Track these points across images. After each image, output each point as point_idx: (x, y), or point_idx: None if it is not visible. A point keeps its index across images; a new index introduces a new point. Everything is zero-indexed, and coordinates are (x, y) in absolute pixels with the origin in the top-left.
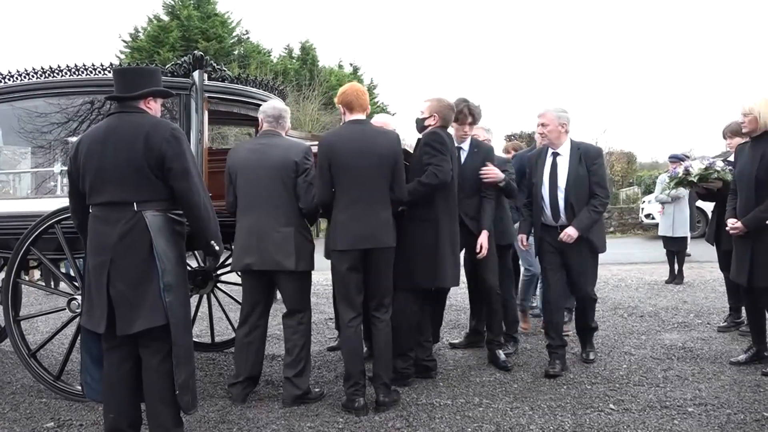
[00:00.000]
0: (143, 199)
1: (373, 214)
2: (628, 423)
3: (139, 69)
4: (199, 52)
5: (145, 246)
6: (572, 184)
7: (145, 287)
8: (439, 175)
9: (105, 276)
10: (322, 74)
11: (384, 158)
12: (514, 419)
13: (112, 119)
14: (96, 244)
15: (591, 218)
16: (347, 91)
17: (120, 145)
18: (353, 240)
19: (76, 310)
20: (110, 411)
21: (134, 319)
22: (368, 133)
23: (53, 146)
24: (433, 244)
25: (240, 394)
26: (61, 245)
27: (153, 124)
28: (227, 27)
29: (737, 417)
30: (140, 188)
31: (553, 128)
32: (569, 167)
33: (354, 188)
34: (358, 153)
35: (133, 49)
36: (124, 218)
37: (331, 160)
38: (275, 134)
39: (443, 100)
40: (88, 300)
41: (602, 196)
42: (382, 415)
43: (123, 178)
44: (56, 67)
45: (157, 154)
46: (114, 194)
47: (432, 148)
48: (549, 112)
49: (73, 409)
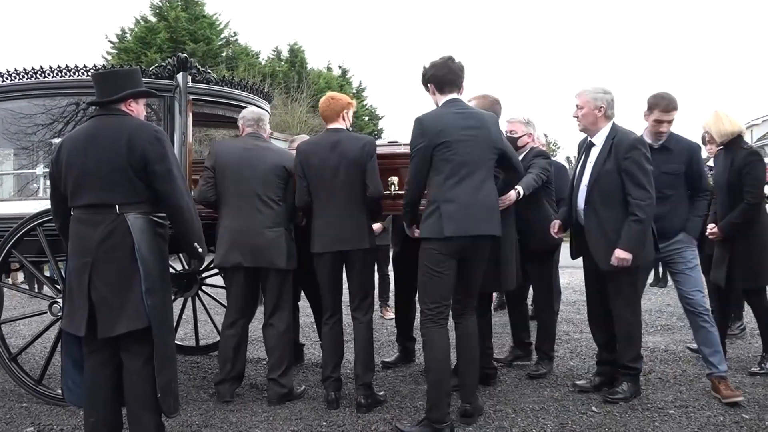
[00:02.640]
0: (125, 202)
1: (347, 218)
2: (609, 425)
3: (116, 72)
4: (183, 54)
5: (127, 249)
6: (594, 182)
7: (127, 290)
8: (497, 175)
9: (86, 278)
10: (310, 77)
11: (353, 164)
12: (497, 422)
13: (94, 122)
14: (77, 246)
15: (635, 231)
16: (322, 105)
17: (102, 148)
18: (328, 243)
19: (58, 313)
20: (90, 416)
21: (115, 322)
22: (341, 140)
23: (36, 148)
24: (494, 249)
25: (228, 391)
26: (44, 248)
27: (136, 126)
28: (215, 29)
29: (717, 419)
30: (122, 191)
31: (588, 111)
32: (596, 160)
33: (325, 194)
34: (327, 160)
35: (119, 50)
36: (105, 220)
37: (304, 167)
38: (260, 137)
39: (488, 96)
40: (69, 303)
41: (638, 198)
42: (365, 418)
43: (105, 181)
44: (40, 68)
45: (140, 156)
46: (96, 197)
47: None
48: (585, 93)
49: (54, 413)
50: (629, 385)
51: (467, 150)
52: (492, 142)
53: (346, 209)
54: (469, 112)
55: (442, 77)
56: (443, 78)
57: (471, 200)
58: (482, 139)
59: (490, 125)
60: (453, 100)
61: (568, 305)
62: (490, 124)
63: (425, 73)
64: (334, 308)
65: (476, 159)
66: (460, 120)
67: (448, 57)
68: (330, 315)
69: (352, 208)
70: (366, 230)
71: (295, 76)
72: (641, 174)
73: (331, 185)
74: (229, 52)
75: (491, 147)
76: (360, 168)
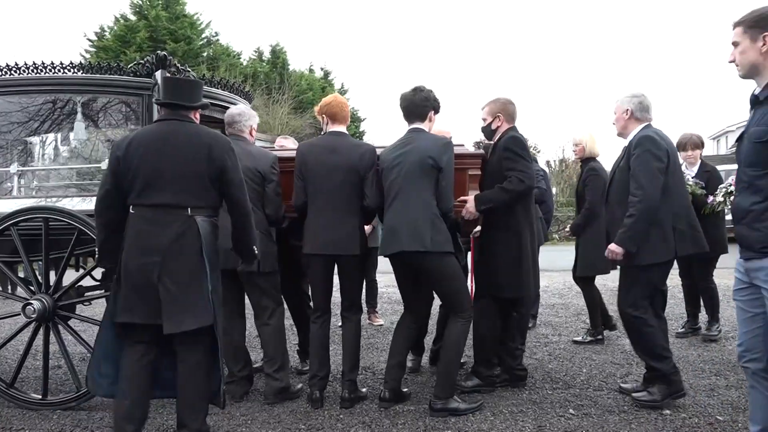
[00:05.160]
0: (197, 205)
1: (340, 223)
2: (587, 427)
3: (195, 81)
4: (162, 52)
5: (196, 249)
6: (611, 180)
7: (196, 288)
8: (525, 180)
9: (155, 276)
10: (292, 78)
11: (353, 170)
12: (476, 424)
13: (167, 125)
14: (141, 244)
15: (627, 227)
16: (332, 103)
17: (180, 152)
18: (319, 245)
19: (32, 315)
20: (125, 398)
21: (184, 318)
22: (341, 145)
23: (11, 146)
24: (516, 254)
25: (237, 391)
26: (17, 248)
27: (213, 136)
28: (196, 28)
29: (691, 421)
30: (195, 194)
31: (618, 116)
32: (616, 159)
33: (322, 197)
34: (326, 164)
35: (98, 48)
36: (178, 221)
37: (302, 168)
38: (239, 138)
39: (499, 98)
40: (129, 298)
41: (634, 195)
42: (344, 421)
43: (181, 184)
44: (16, 65)
45: (219, 166)
46: (169, 197)
47: (513, 152)
48: (618, 100)
49: (26, 417)
50: (660, 387)
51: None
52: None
53: (339, 213)
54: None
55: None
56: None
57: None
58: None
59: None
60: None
61: (547, 308)
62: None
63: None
64: (323, 308)
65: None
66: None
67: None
68: (319, 315)
69: (346, 213)
70: (358, 236)
71: (276, 77)
72: (640, 170)
73: (327, 188)
74: (210, 52)
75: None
76: (357, 175)
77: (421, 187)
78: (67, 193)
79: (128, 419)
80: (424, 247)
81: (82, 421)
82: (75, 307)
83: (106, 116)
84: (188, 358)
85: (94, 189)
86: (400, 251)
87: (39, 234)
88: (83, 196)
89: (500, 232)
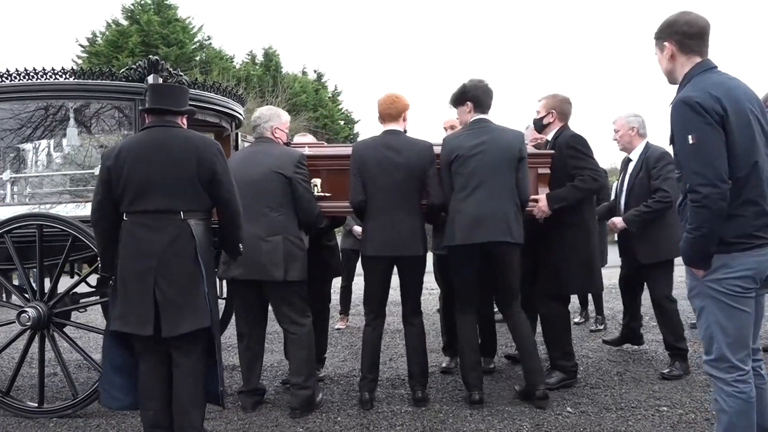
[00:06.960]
0: (189, 209)
1: (400, 223)
2: (584, 425)
3: (181, 87)
4: (154, 57)
5: (191, 252)
6: (630, 190)
7: (193, 291)
8: (598, 179)
9: (151, 280)
10: (285, 81)
11: (412, 169)
12: (473, 424)
13: (155, 132)
14: (137, 249)
15: (640, 213)
16: (380, 101)
17: (171, 158)
18: (379, 247)
19: (27, 323)
20: (148, 408)
21: (180, 321)
22: (397, 144)
23: (4, 153)
24: (585, 250)
25: (249, 402)
26: (11, 256)
27: (201, 140)
28: (188, 32)
29: (688, 417)
30: (187, 198)
31: (624, 133)
32: (631, 172)
33: (380, 197)
34: (383, 164)
35: (90, 53)
36: (171, 225)
37: (360, 169)
38: (262, 140)
39: (557, 94)
40: (124, 305)
41: (658, 196)
42: (342, 424)
43: (172, 189)
44: (7, 71)
45: (209, 169)
46: (161, 203)
47: (579, 151)
48: (620, 118)
49: (22, 426)
50: (680, 364)
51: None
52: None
53: (400, 213)
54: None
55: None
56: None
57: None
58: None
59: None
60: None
61: None
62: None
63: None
64: (377, 311)
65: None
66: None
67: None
68: (374, 317)
69: (407, 212)
70: (420, 236)
71: (269, 80)
72: (666, 178)
73: (387, 188)
74: (203, 56)
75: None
76: (417, 173)
77: (507, 178)
78: (61, 199)
79: (156, 426)
80: (513, 239)
81: (78, 429)
82: (70, 314)
83: (99, 122)
84: (183, 363)
85: (88, 195)
86: (487, 241)
87: (33, 241)
88: (77, 202)
89: (570, 229)
